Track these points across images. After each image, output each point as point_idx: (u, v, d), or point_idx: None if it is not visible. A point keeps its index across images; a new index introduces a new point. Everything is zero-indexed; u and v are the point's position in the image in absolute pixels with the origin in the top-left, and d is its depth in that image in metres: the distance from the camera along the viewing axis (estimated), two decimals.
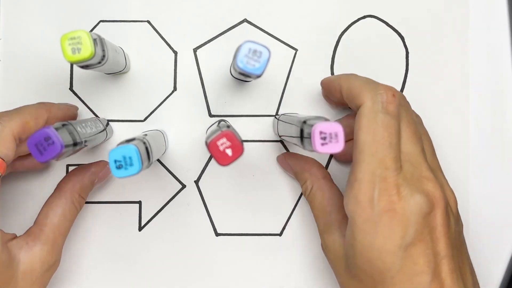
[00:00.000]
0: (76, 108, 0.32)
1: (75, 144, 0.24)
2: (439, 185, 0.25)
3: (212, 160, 0.33)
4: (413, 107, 0.28)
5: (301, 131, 0.23)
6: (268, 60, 0.23)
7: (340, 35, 0.33)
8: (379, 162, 0.24)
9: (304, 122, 0.23)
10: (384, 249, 0.24)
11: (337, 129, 0.21)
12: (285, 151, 0.33)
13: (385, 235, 0.24)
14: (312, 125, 0.21)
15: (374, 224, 0.24)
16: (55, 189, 0.29)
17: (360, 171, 0.24)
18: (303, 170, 0.31)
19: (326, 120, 0.22)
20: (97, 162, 0.31)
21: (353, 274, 0.25)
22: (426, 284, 0.24)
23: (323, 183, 0.30)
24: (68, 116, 0.30)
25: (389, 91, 0.25)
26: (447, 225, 0.25)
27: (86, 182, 0.30)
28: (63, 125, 0.24)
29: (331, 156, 0.33)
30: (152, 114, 0.33)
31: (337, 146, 0.21)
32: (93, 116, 0.32)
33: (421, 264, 0.24)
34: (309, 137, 0.21)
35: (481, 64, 0.33)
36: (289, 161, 0.32)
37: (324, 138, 0.21)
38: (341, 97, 0.28)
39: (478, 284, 0.27)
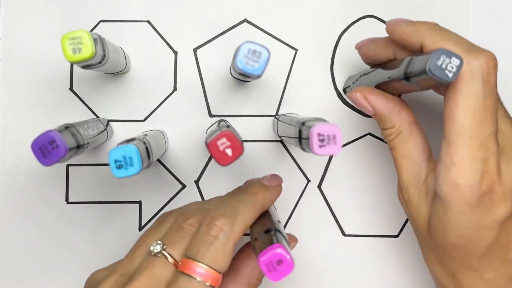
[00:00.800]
0: (282, 181, 0.28)
1: (78, 146, 0.24)
2: None
3: (212, 160, 0.33)
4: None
5: (300, 132, 0.23)
6: (267, 60, 0.23)
7: (340, 35, 0.33)
8: (480, 145, 0.22)
9: (303, 123, 0.23)
10: (481, 225, 0.23)
11: (335, 131, 0.21)
12: (285, 151, 0.33)
13: (482, 213, 0.23)
14: (310, 127, 0.21)
15: (473, 206, 0.23)
16: (230, 269, 0.25)
17: (459, 155, 0.23)
18: (391, 113, 0.26)
19: (324, 121, 0.22)
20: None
21: (439, 243, 0.25)
22: None
23: (414, 129, 0.26)
24: (274, 200, 0.27)
25: (490, 61, 0.23)
26: None
27: None
28: (66, 127, 0.24)
29: (331, 156, 0.33)
30: (152, 114, 0.33)
31: (335, 148, 0.21)
32: (94, 116, 0.32)
33: None
34: (307, 139, 0.21)
35: None
36: (372, 100, 0.26)
37: (322, 140, 0.21)
38: (417, 51, 0.25)
39: None
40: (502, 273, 0.25)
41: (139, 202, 0.33)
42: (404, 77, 0.23)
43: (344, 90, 0.33)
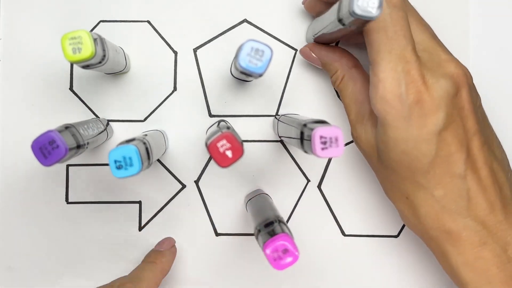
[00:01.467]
0: (174, 242, 0.33)
1: (78, 146, 0.24)
2: (460, 63, 0.26)
3: (212, 160, 0.33)
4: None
5: (301, 133, 0.23)
6: (270, 59, 0.22)
7: None
8: (398, 57, 0.24)
9: (304, 125, 0.23)
10: (419, 139, 0.24)
11: (337, 133, 0.21)
12: (285, 151, 0.33)
13: (418, 125, 0.24)
14: (312, 129, 0.21)
15: (406, 118, 0.24)
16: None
17: (382, 70, 0.24)
18: (333, 60, 0.30)
19: (326, 123, 0.22)
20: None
21: (387, 165, 0.26)
22: (461, 162, 0.25)
23: (355, 72, 0.29)
24: (171, 263, 0.32)
25: None
26: (472, 101, 0.26)
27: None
28: (66, 127, 0.24)
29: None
30: (152, 114, 0.33)
31: (337, 151, 0.21)
32: (94, 116, 0.32)
33: (455, 144, 0.25)
34: (309, 140, 0.21)
35: (481, 64, 0.33)
36: (316, 52, 0.30)
37: (324, 143, 0.21)
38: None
39: (505, 154, 0.28)
40: (451, 189, 0.25)
41: (139, 202, 0.33)
42: (338, 21, 0.24)
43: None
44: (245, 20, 0.33)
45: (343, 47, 0.31)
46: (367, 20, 0.22)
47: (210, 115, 0.33)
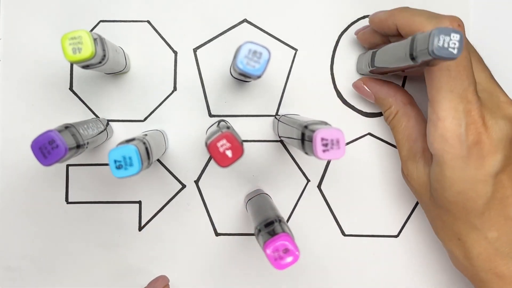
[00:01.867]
0: (168, 281, 0.33)
1: (78, 146, 0.24)
2: None
3: (212, 160, 0.33)
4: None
5: (302, 135, 0.23)
6: (268, 61, 0.22)
7: (340, 35, 0.33)
8: (460, 97, 0.24)
9: (306, 126, 0.23)
10: (476, 180, 0.24)
11: (339, 135, 0.21)
12: (285, 151, 0.33)
13: (475, 166, 0.24)
14: (313, 131, 0.21)
15: (464, 158, 0.24)
16: None
17: (442, 109, 0.24)
18: (387, 96, 0.30)
19: (327, 125, 0.22)
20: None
21: (440, 204, 0.26)
22: None
23: (409, 108, 0.29)
24: None
25: (454, 22, 0.25)
26: None
27: None
28: (66, 127, 0.24)
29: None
30: (152, 114, 0.33)
31: (339, 153, 0.21)
32: (93, 116, 0.32)
33: (511, 187, 0.25)
34: (310, 141, 0.21)
35: None
36: (370, 86, 0.30)
37: (326, 145, 0.21)
38: (395, 34, 0.27)
39: None
40: (505, 232, 0.25)
41: (139, 202, 0.33)
42: (410, 58, 0.23)
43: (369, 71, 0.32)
44: (245, 20, 0.33)
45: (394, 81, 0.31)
46: (444, 59, 0.22)
47: (210, 115, 0.33)
